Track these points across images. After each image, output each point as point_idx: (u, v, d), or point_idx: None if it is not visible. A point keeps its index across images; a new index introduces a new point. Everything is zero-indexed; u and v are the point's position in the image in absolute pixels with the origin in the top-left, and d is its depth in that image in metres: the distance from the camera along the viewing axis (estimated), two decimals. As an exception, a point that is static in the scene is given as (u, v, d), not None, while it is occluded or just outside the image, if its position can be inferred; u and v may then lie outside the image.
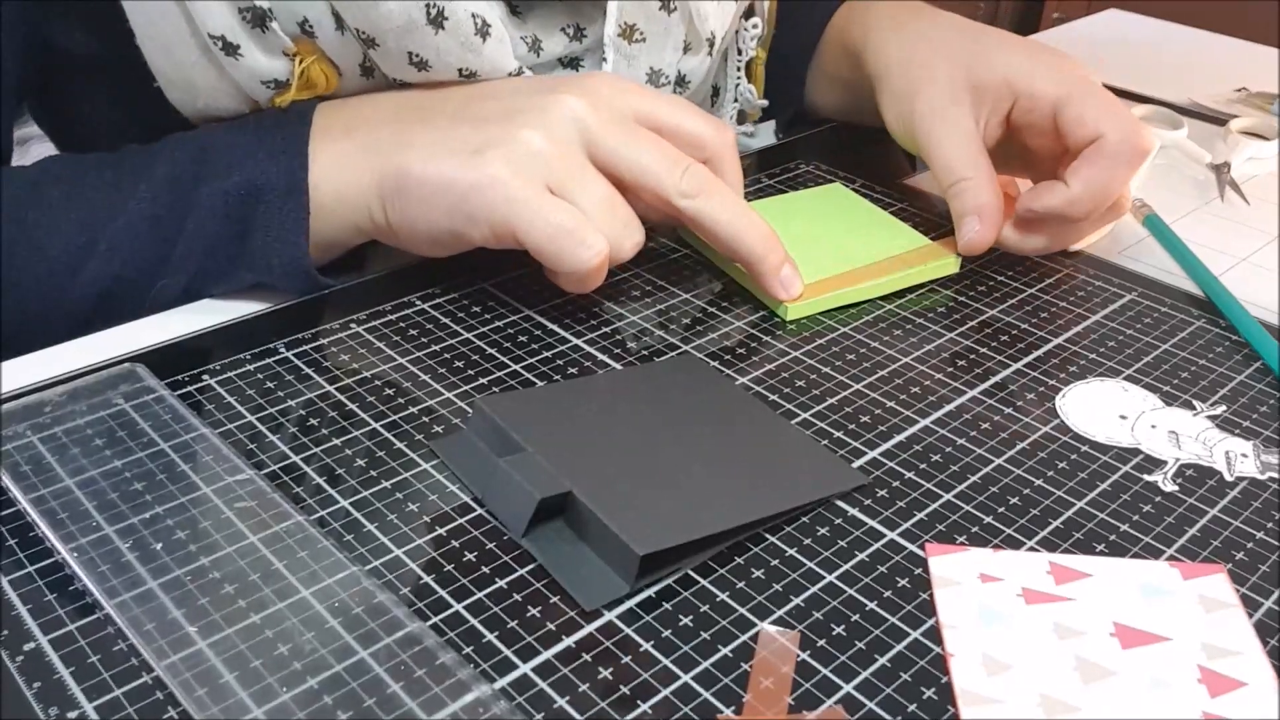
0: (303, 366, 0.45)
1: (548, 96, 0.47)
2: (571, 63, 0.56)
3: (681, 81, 0.58)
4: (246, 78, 0.48)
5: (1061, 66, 0.55)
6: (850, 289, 0.51)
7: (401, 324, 0.48)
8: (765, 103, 0.66)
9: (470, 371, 0.45)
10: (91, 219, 0.47)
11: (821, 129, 0.71)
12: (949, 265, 0.54)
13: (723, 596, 0.35)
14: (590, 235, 0.45)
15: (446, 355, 0.46)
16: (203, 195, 0.47)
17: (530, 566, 0.36)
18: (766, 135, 0.72)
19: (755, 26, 0.64)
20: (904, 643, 0.34)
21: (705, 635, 0.33)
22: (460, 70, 0.50)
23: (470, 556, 0.36)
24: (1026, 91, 0.54)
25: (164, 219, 0.47)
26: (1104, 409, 0.45)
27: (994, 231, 0.53)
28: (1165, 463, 0.42)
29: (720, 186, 0.48)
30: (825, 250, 0.53)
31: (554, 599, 0.34)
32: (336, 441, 0.41)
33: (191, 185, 0.47)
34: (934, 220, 0.60)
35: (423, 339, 0.47)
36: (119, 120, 0.54)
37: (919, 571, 0.36)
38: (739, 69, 0.65)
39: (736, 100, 0.66)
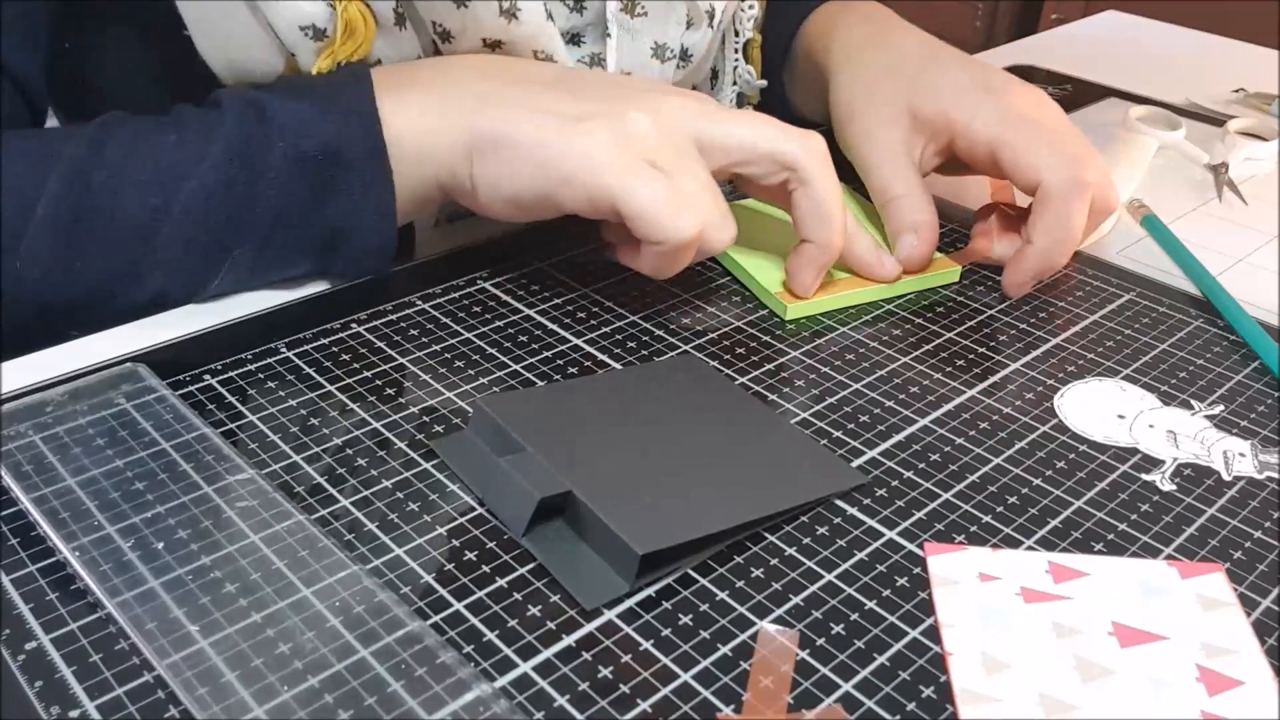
0: (304, 366, 0.45)
1: (651, 90, 0.48)
2: (573, 38, 0.56)
3: (685, 56, 0.58)
4: (285, 24, 0.47)
5: (1005, 104, 0.53)
6: (852, 292, 0.51)
7: (402, 324, 0.48)
8: (764, 83, 0.67)
9: (470, 371, 0.45)
10: (160, 181, 0.45)
11: (821, 128, 0.71)
12: (951, 275, 0.54)
13: (722, 595, 0.35)
14: (689, 209, 0.45)
15: (447, 355, 0.46)
16: (276, 158, 0.45)
17: (530, 566, 0.36)
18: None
19: (751, 8, 0.64)
20: (903, 642, 0.34)
21: (705, 634, 0.34)
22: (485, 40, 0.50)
23: (470, 556, 0.36)
24: (963, 132, 0.53)
25: (237, 182, 0.45)
26: (1102, 408, 0.45)
27: (929, 246, 0.53)
28: (1163, 462, 0.42)
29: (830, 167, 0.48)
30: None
31: (554, 598, 0.35)
32: (337, 441, 0.41)
33: (263, 148, 0.45)
34: (933, 220, 0.60)
35: (423, 339, 0.47)
36: (140, 76, 0.53)
37: (918, 570, 0.36)
38: (737, 51, 0.65)
39: (736, 83, 0.66)
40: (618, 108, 0.46)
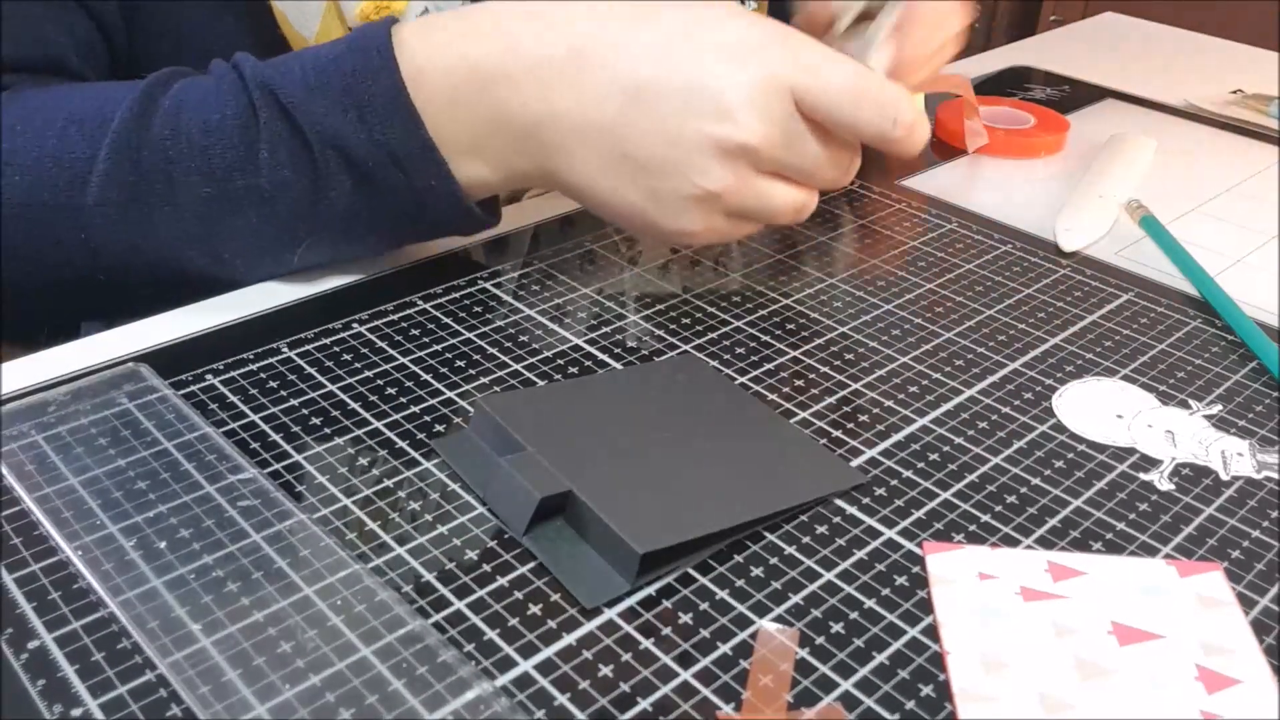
0: (305, 366, 0.45)
1: (703, 123, 0.44)
2: None
3: None
4: None
5: None
6: None
7: (403, 324, 0.48)
8: None
9: (471, 371, 0.45)
10: (209, 169, 0.45)
11: None
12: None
13: (722, 594, 0.35)
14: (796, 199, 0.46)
15: (448, 355, 0.46)
16: (326, 162, 0.45)
17: (531, 565, 0.36)
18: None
19: None
20: (902, 640, 0.34)
21: (705, 633, 0.34)
22: None
23: (471, 555, 0.36)
24: None
25: (293, 186, 0.46)
26: (1101, 408, 0.45)
27: None
28: (1162, 462, 0.42)
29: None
30: None
31: (554, 597, 0.35)
32: (339, 440, 0.41)
33: (305, 152, 0.45)
34: (931, 221, 0.60)
35: (424, 339, 0.47)
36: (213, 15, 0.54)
37: (917, 569, 0.36)
38: None
39: None
40: (679, 176, 0.44)
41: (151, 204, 0.45)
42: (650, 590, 0.35)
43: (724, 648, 0.33)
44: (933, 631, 0.34)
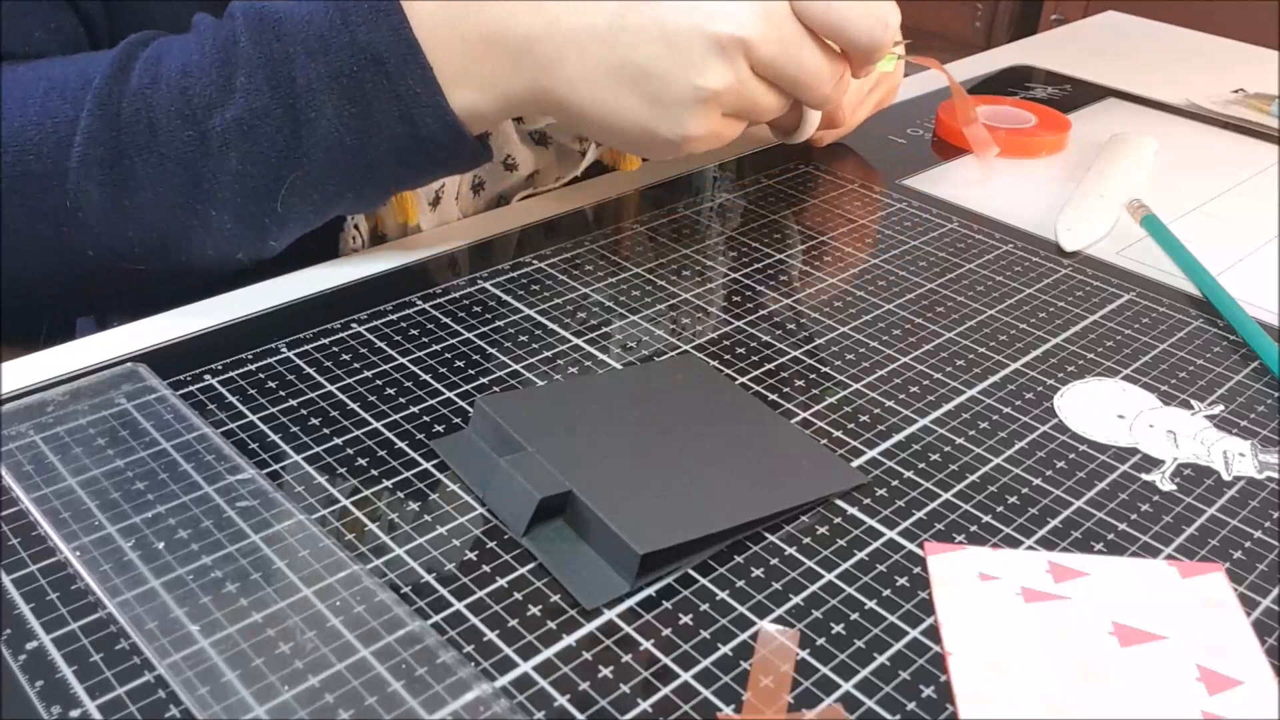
0: (304, 366, 0.45)
1: (701, 20, 0.45)
2: None
3: None
4: None
5: None
6: None
7: (402, 324, 0.48)
8: None
9: (470, 371, 0.45)
10: (190, 111, 0.44)
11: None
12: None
13: (722, 595, 0.35)
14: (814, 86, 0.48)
15: (447, 355, 0.46)
16: (307, 79, 0.44)
17: (531, 565, 0.36)
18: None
19: None
20: (903, 641, 0.34)
21: (705, 634, 0.34)
22: None
23: (471, 555, 0.36)
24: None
25: (272, 110, 0.45)
26: (1102, 408, 0.45)
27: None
28: (1163, 462, 0.42)
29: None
30: None
31: (554, 598, 0.35)
32: (338, 441, 0.41)
33: (287, 69, 0.44)
34: (931, 221, 0.60)
35: (423, 339, 0.47)
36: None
37: (918, 570, 0.36)
38: None
39: None
40: (677, 74, 0.45)
41: (134, 158, 0.45)
42: (650, 591, 0.35)
43: (724, 649, 0.33)
44: (934, 632, 0.34)
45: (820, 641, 0.33)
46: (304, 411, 0.42)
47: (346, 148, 0.46)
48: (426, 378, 0.45)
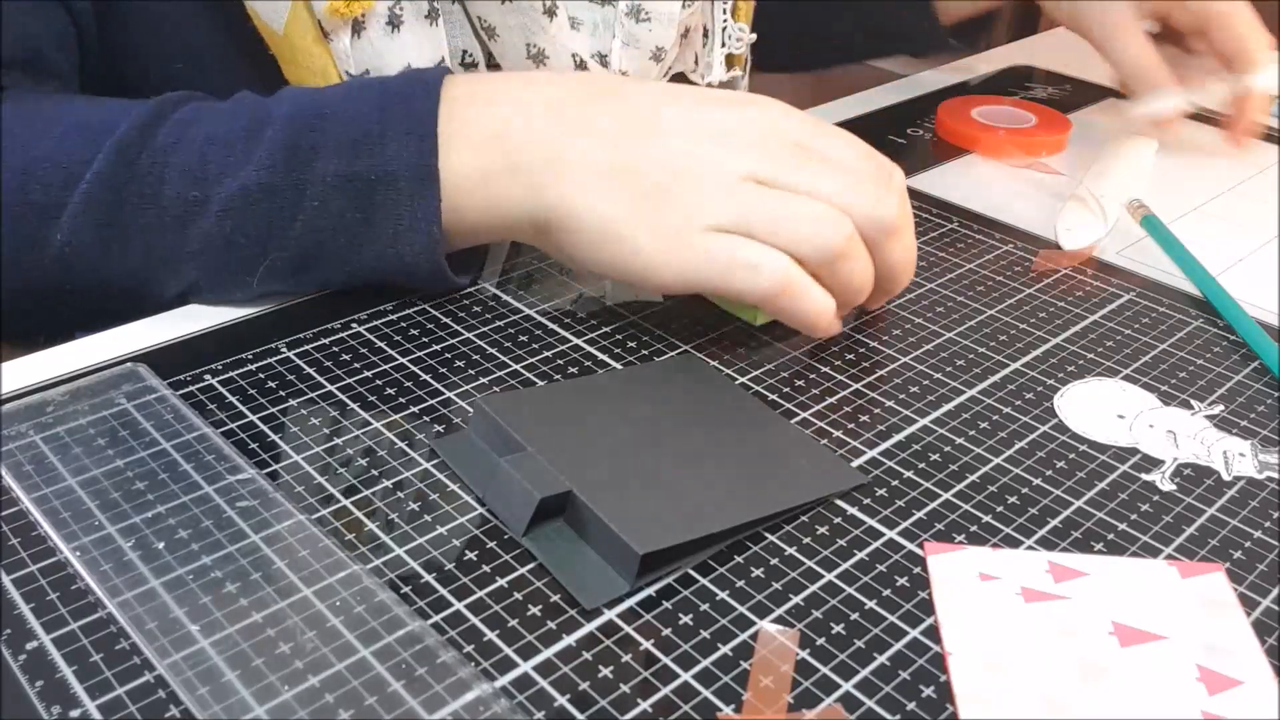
0: (304, 366, 0.45)
1: (709, 142, 0.45)
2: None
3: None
4: None
5: None
6: None
7: (403, 324, 0.48)
8: (754, 37, 0.68)
9: (471, 371, 0.45)
10: (203, 175, 0.45)
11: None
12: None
13: (722, 595, 0.35)
14: (808, 288, 0.44)
15: (447, 355, 0.46)
16: (323, 172, 0.45)
17: (531, 565, 0.36)
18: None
19: None
20: (903, 641, 0.34)
21: (705, 634, 0.34)
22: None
23: (471, 555, 0.36)
24: (1181, 4, 0.67)
25: (281, 190, 0.45)
26: (1102, 408, 0.45)
27: (1175, 109, 0.67)
28: (1163, 462, 0.42)
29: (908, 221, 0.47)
30: None
31: (554, 598, 0.35)
32: (338, 441, 0.41)
33: (310, 157, 0.45)
34: (931, 221, 0.60)
35: (424, 339, 0.47)
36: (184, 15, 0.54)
37: (918, 570, 0.36)
38: (725, 10, 0.66)
39: (725, 44, 0.67)
40: (683, 193, 0.44)
41: (135, 208, 0.45)
42: (650, 591, 0.35)
43: (724, 649, 0.33)
44: (934, 632, 0.34)
45: (820, 641, 0.33)
46: (304, 411, 0.42)
47: (337, 245, 0.46)
48: (426, 378, 0.45)
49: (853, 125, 0.73)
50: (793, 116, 0.47)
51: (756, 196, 0.44)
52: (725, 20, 0.66)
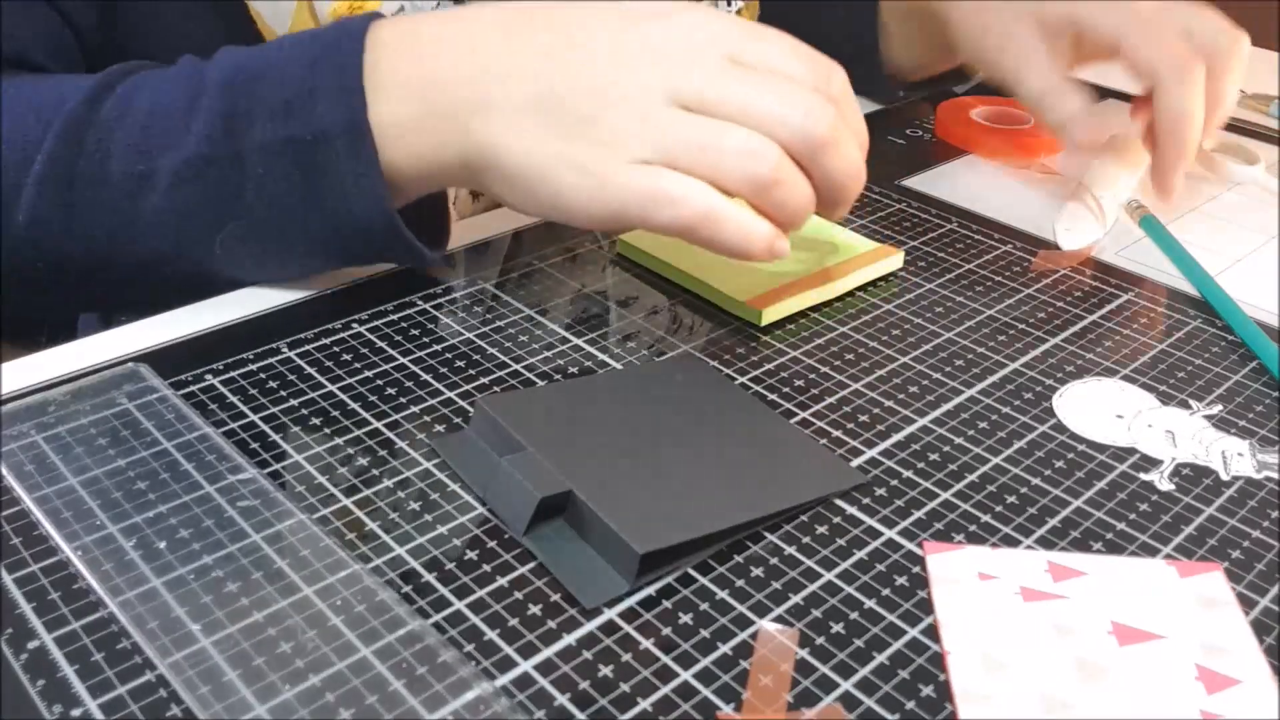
0: (305, 366, 0.45)
1: (633, 61, 0.44)
2: None
3: None
4: None
5: (1125, 5, 0.60)
6: (815, 290, 0.51)
7: (403, 324, 0.48)
8: None
9: (471, 371, 0.45)
10: (148, 148, 0.45)
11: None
12: (895, 261, 0.55)
13: (722, 594, 0.35)
14: (739, 214, 0.43)
15: (448, 355, 0.46)
16: (260, 137, 0.45)
17: (531, 565, 0.36)
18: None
19: None
20: (902, 640, 0.34)
21: (705, 633, 0.34)
22: None
23: (471, 555, 0.36)
24: (1089, 26, 0.60)
25: (223, 160, 0.45)
26: (1101, 408, 0.45)
27: (1088, 130, 0.60)
28: (1162, 462, 0.42)
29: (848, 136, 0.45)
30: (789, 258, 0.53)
31: (555, 597, 0.35)
32: (338, 440, 0.41)
33: (246, 124, 0.44)
34: (931, 221, 0.60)
35: (424, 339, 0.47)
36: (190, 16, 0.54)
37: (917, 570, 0.36)
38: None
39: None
40: (606, 115, 0.43)
41: (85, 185, 0.45)
42: (650, 590, 0.35)
43: (724, 648, 0.33)
44: (933, 632, 0.34)
45: (820, 641, 0.34)
46: (305, 411, 0.42)
47: (290, 211, 0.46)
48: (427, 378, 0.45)
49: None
50: (723, 22, 0.45)
51: (680, 125, 0.43)
52: None
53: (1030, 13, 0.62)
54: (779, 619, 0.34)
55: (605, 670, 0.32)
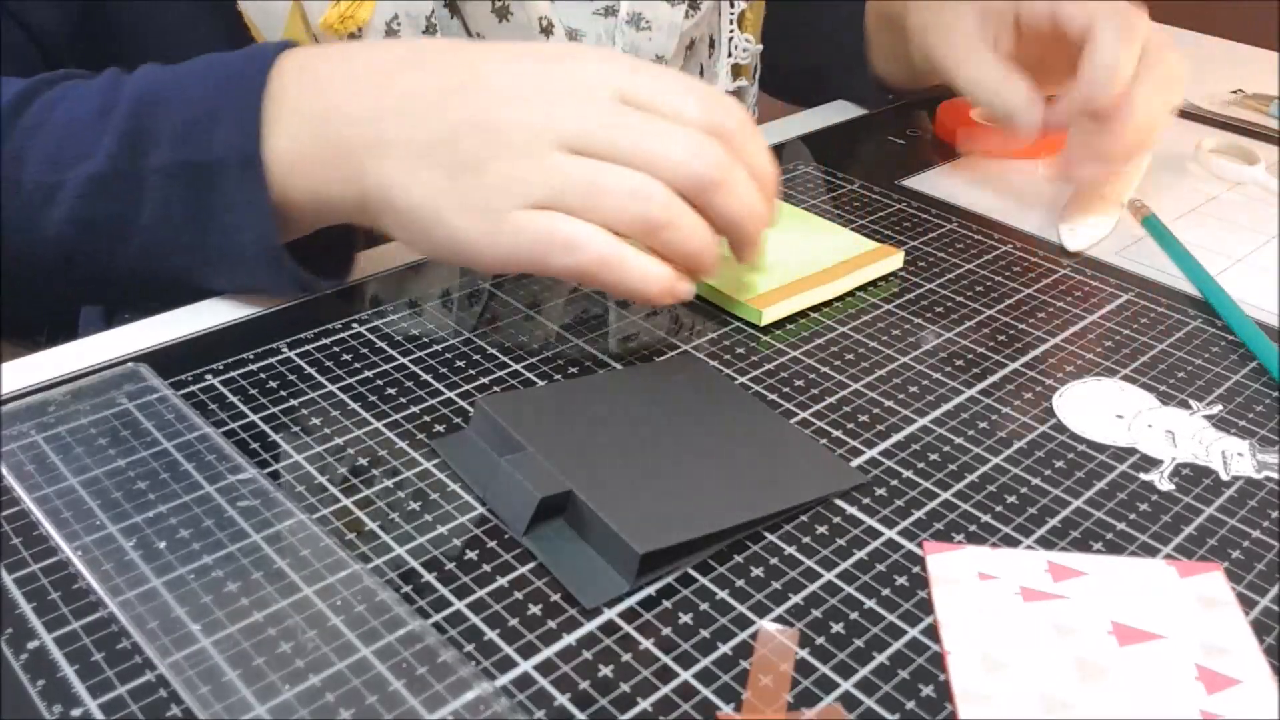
0: (305, 366, 0.45)
1: (523, 103, 0.43)
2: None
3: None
4: None
5: None
6: (815, 290, 0.51)
7: (403, 324, 0.48)
8: (760, 48, 0.68)
9: (471, 371, 0.45)
10: (59, 159, 0.45)
11: (820, 130, 0.72)
12: (895, 261, 0.55)
13: (722, 594, 0.35)
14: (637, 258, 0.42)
15: (447, 355, 0.46)
16: (160, 161, 0.45)
17: (531, 565, 0.36)
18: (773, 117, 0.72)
19: None
20: (902, 640, 0.34)
21: (705, 633, 0.34)
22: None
23: (471, 555, 0.36)
24: (1027, 4, 0.60)
25: (126, 177, 0.45)
26: (1101, 408, 0.45)
27: (1032, 121, 0.59)
28: (1162, 462, 0.42)
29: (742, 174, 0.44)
30: (787, 257, 0.53)
31: (555, 597, 0.35)
32: (338, 440, 0.41)
33: (150, 145, 0.45)
34: (931, 221, 0.60)
35: (424, 339, 0.47)
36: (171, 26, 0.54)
37: (917, 570, 0.36)
38: (732, 20, 0.66)
39: (731, 54, 0.67)
40: (498, 158, 0.43)
41: (3, 187, 0.45)
42: (650, 590, 0.35)
43: (724, 648, 0.33)
44: (933, 632, 0.34)
45: (820, 641, 0.34)
46: (305, 411, 0.42)
47: (180, 231, 0.46)
48: (427, 378, 0.45)
49: (852, 126, 0.73)
50: (617, 64, 0.45)
51: (569, 169, 0.42)
52: (732, 31, 0.66)
53: (972, 6, 0.62)
54: (779, 619, 0.34)
55: (605, 670, 0.32)
